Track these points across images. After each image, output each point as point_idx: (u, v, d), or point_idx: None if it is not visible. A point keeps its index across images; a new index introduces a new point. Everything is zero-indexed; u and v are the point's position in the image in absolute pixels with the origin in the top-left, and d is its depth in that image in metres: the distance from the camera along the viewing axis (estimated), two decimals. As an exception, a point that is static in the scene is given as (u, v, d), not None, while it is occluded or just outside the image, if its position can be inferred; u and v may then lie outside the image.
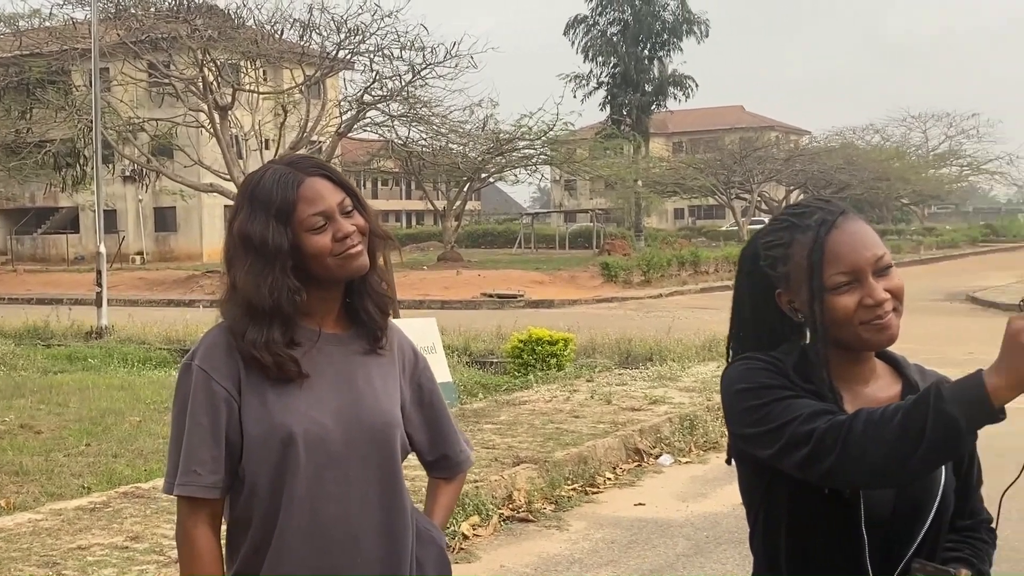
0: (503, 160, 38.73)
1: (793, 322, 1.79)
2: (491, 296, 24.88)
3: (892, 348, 1.83)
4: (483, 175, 40.35)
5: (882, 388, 1.80)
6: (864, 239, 1.73)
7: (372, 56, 28.39)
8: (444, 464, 2.17)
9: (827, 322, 1.70)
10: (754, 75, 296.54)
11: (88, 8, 23.78)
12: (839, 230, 1.72)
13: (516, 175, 41.34)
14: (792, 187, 54.25)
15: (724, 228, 57.48)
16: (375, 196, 77.85)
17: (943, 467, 1.74)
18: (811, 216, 1.75)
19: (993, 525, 1.90)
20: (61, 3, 27.15)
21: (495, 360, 12.71)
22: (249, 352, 1.88)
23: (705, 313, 18.42)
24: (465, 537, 5.69)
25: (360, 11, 27.33)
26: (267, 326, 1.88)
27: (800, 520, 1.74)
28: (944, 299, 23.29)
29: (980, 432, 1.55)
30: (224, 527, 1.98)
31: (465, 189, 40.34)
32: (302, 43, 28.47)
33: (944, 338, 14.26)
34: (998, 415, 1.46)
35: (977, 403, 1.45)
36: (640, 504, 6.55)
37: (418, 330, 9.64)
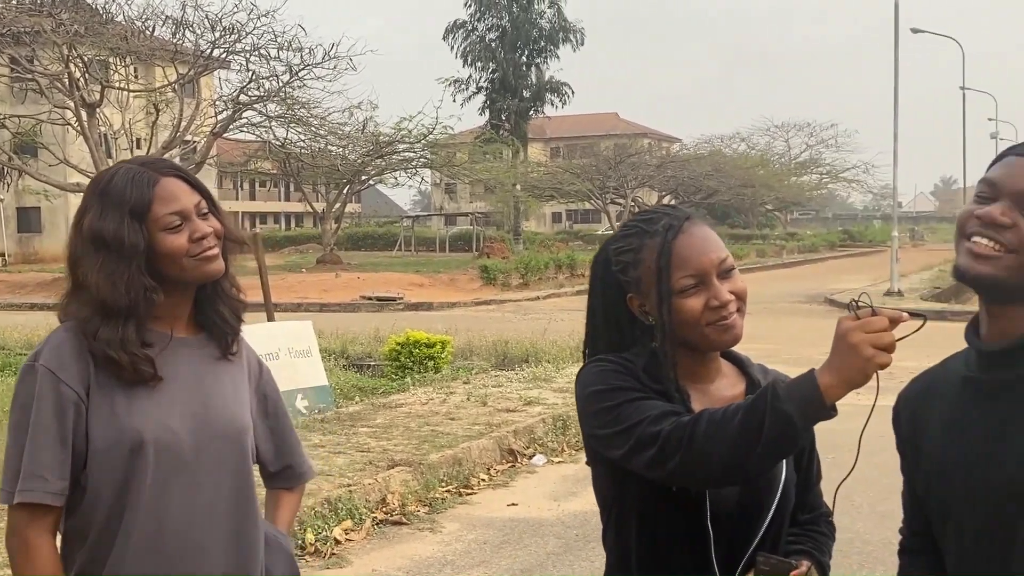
0: (383, 163, 38.38)
1: (644, 324, 1.82)
2: (370, 299, 24.62)
3: (743, 348, 1.87)
4: (363, 177, 39.89)
5: (727, 387, 1.85)
6: (708, 243, 1.78)
7: (248, 56, 27.64)
8: (288, 475, 2.14)
9: (675, 324, 1.74)
10: (629, 84, 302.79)
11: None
12: (685, 234, 1.76)
13: (396, 178, 41.06)
14: (664, 192, 55.41)
15: (600, 232, 58.28)
16: (253, 197, 76.17)
17: (784, 463, 1.79)
18: (658, 222, 1.79)
19: (831, 518, 1.95)
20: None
21: (372, 363, 12.56)
22: (103, 352, 1.80)
23: (580, 315, 18.32)
24: (337, 542, 5.59)
25: (236, 9, 26.65)
26: (122, 325, 1.81)
27: (650, 517, 1.77)
28: (804, 301, 24.17)
29: (823, 428, 1.60)
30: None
31: (345, 191, 39.81)
32: (175, 40, 27.50)
33: (802, 339, 14.77)
34: (830, 412, 1.51)
35: (810, 400, 1.50)
36: (513, 504, 6.56)
37: (294, 333, 9.46)
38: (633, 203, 52.16)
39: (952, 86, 78.02)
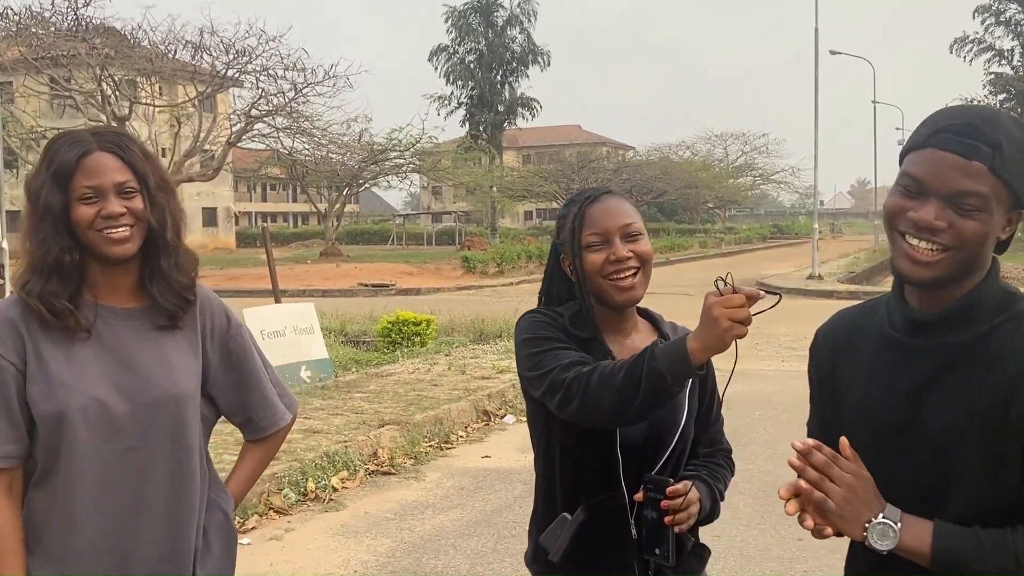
0: (377, 168, 38.30)
1: (573, 283, 1.88)
2: (366, 285, 24.53)
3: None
4: (360, 181, 39.78)
5: (642, 340, 1.88)
6: (617, 210, 1.84)
7: (258, 75, 27.49)
8: (250, 427, 1.96)
9: (583, 275, 1.82)
10: (589, 99, 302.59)
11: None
12: (599, 203, 1.85)
13: (389, 181, 41.04)
14: (620, 193, 55.31)
15: (565, 227, 58.21)
16: (264, 199, 75.67)
17: (685, 408, 1.84)
18: (583, 194, 1.89)
19: (731, 454, 2.00)
20: (-36, 21, 25.21)
21: (367, 340, 12.53)
22: (34, 306, 1.67)
23: (547, 298, 18.63)
24: (335, 489, 5.62)
25: (247, 35, 26.48)
26: (45, 279, 1.68)
27: (571, 445, 1.82)
28: (739, 284, 24.29)
29: (753, 389, 1.62)
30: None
31: (344, 193, 39.68)
32: (194, 62, 27.25)
33: (738, 315, 14.81)
34: (696, 371, 1.54)
35: (680, 361, 1.53)
36: (486, 456, 6.60)
37: (298, 313, 9.43)
38: (593, 202, 52.06)
39: (865, 99, 78.77)
